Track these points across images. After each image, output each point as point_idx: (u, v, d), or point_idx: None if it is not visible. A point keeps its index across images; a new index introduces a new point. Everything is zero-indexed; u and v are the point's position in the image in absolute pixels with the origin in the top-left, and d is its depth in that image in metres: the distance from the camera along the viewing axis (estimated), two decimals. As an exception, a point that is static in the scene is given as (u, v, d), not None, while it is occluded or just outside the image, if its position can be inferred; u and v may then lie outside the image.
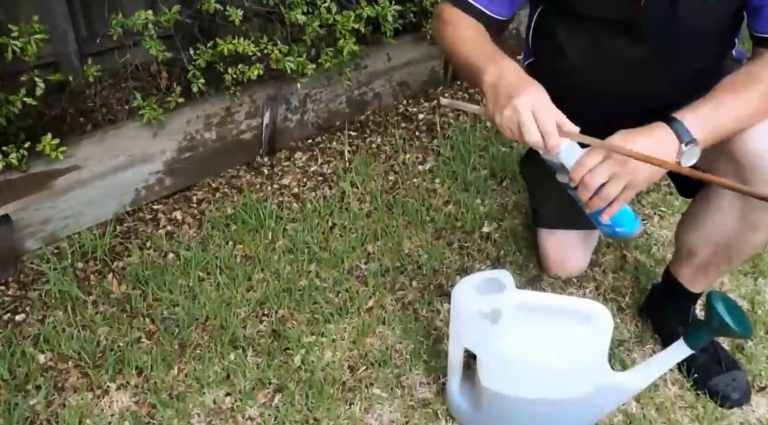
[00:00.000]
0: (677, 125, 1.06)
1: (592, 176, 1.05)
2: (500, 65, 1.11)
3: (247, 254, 1.77)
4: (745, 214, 1.19)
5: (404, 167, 2.09)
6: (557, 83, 1.16)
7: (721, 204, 1.22)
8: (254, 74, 1.87)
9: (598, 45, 1.26)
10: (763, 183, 1.12)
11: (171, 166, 1.98)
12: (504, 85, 1.08)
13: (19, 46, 1.43)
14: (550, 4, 1.31)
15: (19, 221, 1.74)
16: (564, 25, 1.29)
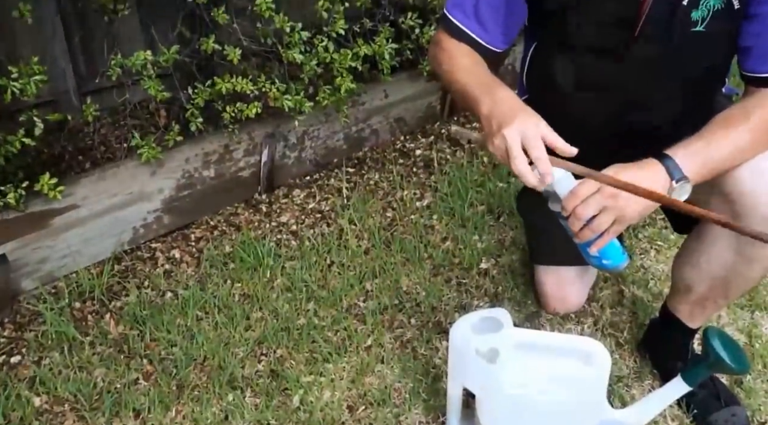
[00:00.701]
0: (668, 161, 1.09)
1: (584, 206, 1.08)
2: (495, 95, 1.15)
3: (246, 292, 1.78)
4: (740, 248, 1.21)
5: (402, 203, 2.12)
6: (551, 118, 1.19)
7: (716, 239, 1.25)
8: (252, 112, 1.91)
9: (592, 76, 1.29)
10: (754, 220, 1.15)
11: (169, 204, 2.01)
12: (497, 115, 1.11)
13: (18, 88, 1.47)
14: (545, 35, 1.35)
15: (15, 261, 1.76)
16: (558, 57, 1.32)
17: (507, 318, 1.28)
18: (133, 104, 2.00)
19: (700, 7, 1.14)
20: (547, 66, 1.35)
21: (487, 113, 1.13)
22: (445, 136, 2.50)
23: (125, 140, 2.02)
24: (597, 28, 1.22)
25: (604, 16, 1.20)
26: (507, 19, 1.31)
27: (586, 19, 1.22)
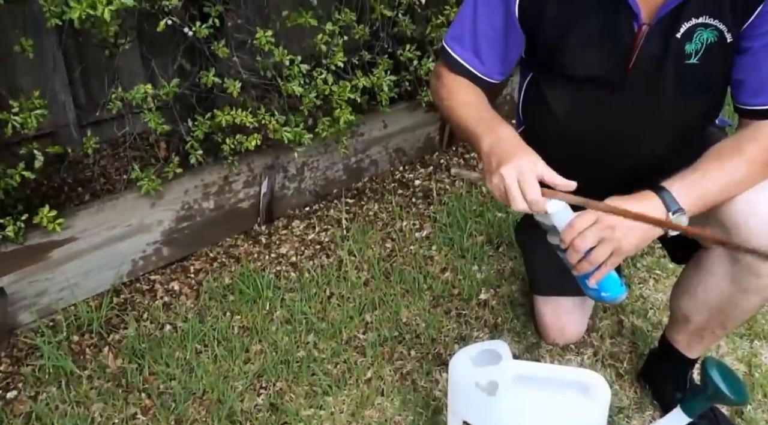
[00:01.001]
0: (665, 194, 1.11)
1: (581, 239, 1.10)
2: (495, 133, 1.18)
3: (245, 325, 1.79)
4: (737, 278, 1.22)
5: (401, 234, 2.13)
6: (547, 149, 1.21)
7: (713, 269, 1.26)
8: (252, 145, 1.93)
9: (587, 107, 1.32)
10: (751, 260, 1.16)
11: (169, 236, 2.02)
12: (496, 153, 1.15)
13: (19, 122, 1.49)
14: (540, 67, 1.37)
15: (13, 294, 1.76)
16: (554, 88, 1.35)
17: (506, 351, 1.29)
18: (133, 136, 2.02)
19: (693, 40, 1.16)
20: (543, 97, 1.37)
21: (488, 151, 1.16)
22: (444, 166, 2.52)
23: (125, 172, 2.04)
24: (591, 61, 1.25)
25: (598, 49, 1.23)
26: (504, 51, 1.34)
27: (580, 51, 1.24)
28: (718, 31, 1.15)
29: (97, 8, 1.41)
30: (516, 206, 1.11)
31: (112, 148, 2.32)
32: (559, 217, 1.14)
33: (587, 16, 1.22)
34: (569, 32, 1.24)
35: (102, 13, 1.41)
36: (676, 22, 1.16)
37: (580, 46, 1.25)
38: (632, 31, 1.20)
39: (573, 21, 1.23)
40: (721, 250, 1.23)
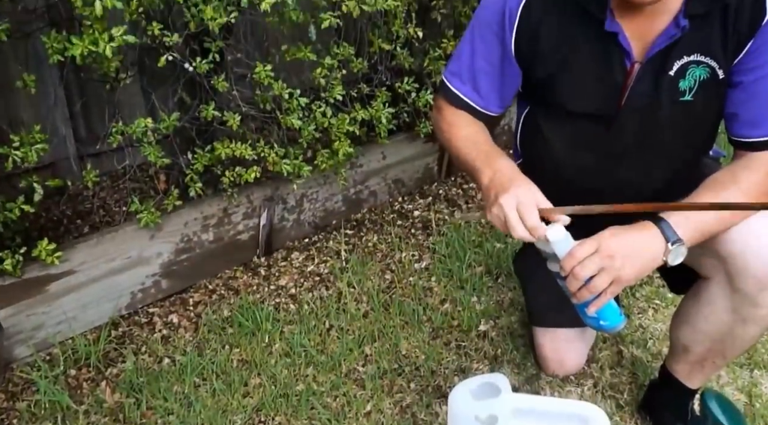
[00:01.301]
0: (664, 224, 1.13)
1: (581, 267, 1.12)
2: (494, 166, 1.22)
3: (244, 358, 1.79)
4: (736, 308, 1.23)
5: (400, 265, 2.14)
6: (545, 180, 1.24)
7: (712, 299, 1.27)
8: (251, 177, 1.95)
9: (582, 140, 1.34)
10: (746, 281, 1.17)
11: (168, 268, 2.03)
12: (495, 185, 1.18)
13: (20, 156, 1.51)
14: (536, 101, 1.40)
15: (10, 328, 1.76)
16: (550, 121, 1.37)
17: (505, 384, 1.30)
18: (133, 169, 2.04)
19: (687, 78, 1.19)
20: (540, 129, 1.40)
21: (487, 183, 1.20)
22: (443, 197, 2.54)
23: (124, 204, 2.06)
24: (584, 97, 1.27)
25: (591, 86, 1.25)
26: (502, 85, 1.36)
27: (573, 88, 1.27)
28: (709, 67, 1.18)
29: (99, 45, 1.44)
30: (516, 233, 1.14)
31: (112, 180, 2.34)
32: (559, 245, 1.16)
33: (580, 54, 1.24)
34: (562, 70, 1.27)
35: (104, 50, 1.44)
36: (667, 60, 1.19)
37: (573, 82, 1.28)
38: (624, 69, 1.22)
39: (566, 58, 1.26)
40: (721, 279, 1.24)
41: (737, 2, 1.12)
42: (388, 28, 2.02)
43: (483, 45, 1.33)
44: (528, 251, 1.68)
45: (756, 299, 1.19)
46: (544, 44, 1.26)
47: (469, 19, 2.19)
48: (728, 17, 1.13)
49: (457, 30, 2.26)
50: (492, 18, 1.30)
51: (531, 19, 1.26)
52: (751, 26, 1.12)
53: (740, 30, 1.13)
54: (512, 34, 1.28)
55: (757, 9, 1.11)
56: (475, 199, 2.52)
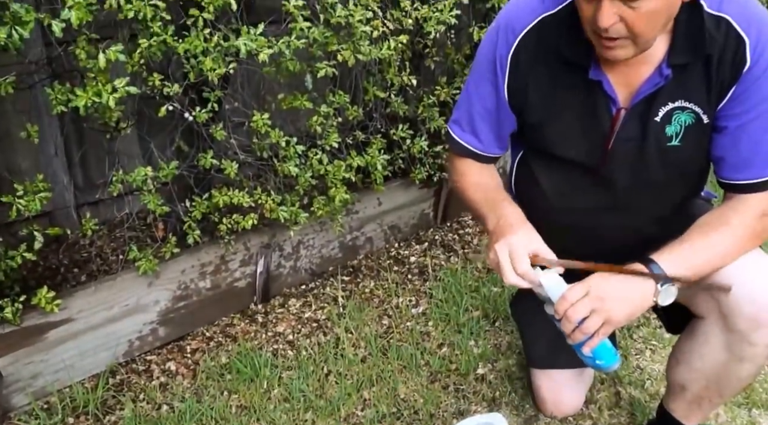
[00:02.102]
0: (653, 266, 1.19)
1: (573, 310, 1.19)
2: (499, 212, 1.33)
3: (243, 404, 1.82)
4: (731, 346, 1.28)
5: (397, 310, 2.19)
6: (538, 222, 1.30)
7: (708, 338, 1.32)
8: (248, 224, 2.00)
9: (572, 184, 1.41)
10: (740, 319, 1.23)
11: (165, 316, 2.07)
12: (496, 231, 1.29)
13: (23, 204, 1.57)
14: (529, 145, 1.47)
15: (8, 377, 1.79)
16: (541, 166, 1.44)
17: (503, 423, 1.33)
18: (132, 217, 2.10)
19: (673, 123, 1.26)
20: (532, 173, 1.46)
21: (491, 229, 1.32)
22: (439, 242, 2.60)
23: (122, 252, 2.11)
24: (571, 144, 1.34)
25: (578, 133, 1.32)
26: (498, 129, 1.44)
27: (561, 134, 1.34)
28: (694, 113, 1.25)
29: (103, 96, 1.51)
30: (506, 279, 1.24)
31: (109, 229, 2.40)
32: (553, 289, 1.22)
33: (567, 101, 1.32)
34: (551, 117, 1.34)
35: (107, 100, 1.51)
36: (652, 106, 1.25)
37: (562, 129, 1.35)
38: (610, 116, 1.29)
39: (554, 106, 1.33)
40: (715, 319, 1.29)
41: (719, 52, 1.19)
42: (383, 76, 2.10)
43: (478, 91, 1.41)
44: (524, 294, 1.73)
45: (750, 338, 1.24)
46: (533, 92, 1.33)
47: (462, 67, 2.29)
48: (711, 65, 1.20)
49: (450, 77, 2.35)
50: (486, 65, 1.38)
51: (520, 67, 1.33)
52: (734, 74, 1.19)
53: (723, 78, 1.20)
54: (504, 81, 1.36)
55: (739, 57, 1.18)
56: (471, 244, 2.58)
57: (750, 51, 1.17)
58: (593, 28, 1.14)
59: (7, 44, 1.41)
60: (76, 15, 1.41)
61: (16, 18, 1.40)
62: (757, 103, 1.20)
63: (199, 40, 1.62)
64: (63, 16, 1.42)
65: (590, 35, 1.18)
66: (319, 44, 1.79)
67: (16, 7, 1.39)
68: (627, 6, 1.08)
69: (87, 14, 1.43)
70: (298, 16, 1.72)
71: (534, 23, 1.30)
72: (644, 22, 1.10)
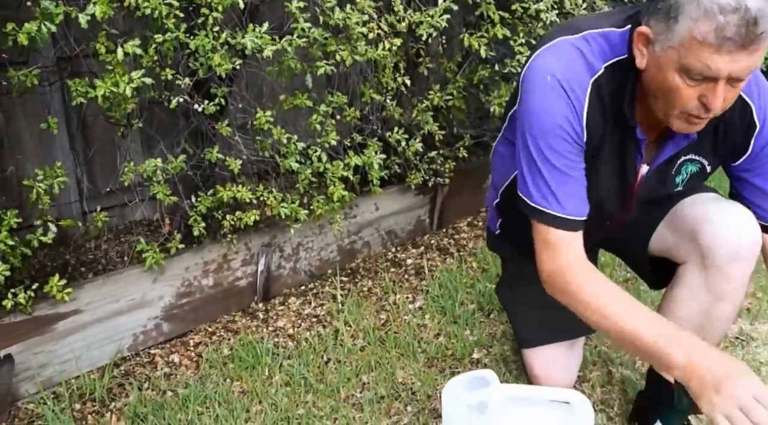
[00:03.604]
0: None
1: None
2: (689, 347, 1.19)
3: (245, 389, 1.97)
4: (710, 286, 1.47)
5: (395, 306, 2.35)
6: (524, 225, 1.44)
7: (688, 280, 1.51)
8: (251, 220, 2.18)
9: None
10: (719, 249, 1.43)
11: (169, 311, 2.23)
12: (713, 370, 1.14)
13: (43, 188, 1.75)
14: None
15: (18, 365, 1.94)
16: None
17: (494, 377, 1.50)
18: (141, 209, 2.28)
19: (681, 173, 1.49)
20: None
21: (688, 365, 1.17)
22: (435, 247, 2.78)
23: (130, 247, 2.28)
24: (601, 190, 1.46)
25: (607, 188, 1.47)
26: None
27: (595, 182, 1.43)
28: (701, 164, 1.48)
29: (120, 86, 1.70)
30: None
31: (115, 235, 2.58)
32: None
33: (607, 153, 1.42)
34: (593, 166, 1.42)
35: (124, 90, 1.70)
36: (672, 162, 1.46)
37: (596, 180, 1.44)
38: (634, 168, 1.45)
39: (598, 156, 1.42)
40: (695, 260, 1.48)
41: (729, 112, 1.33)
42: (378, 80, 2.31)
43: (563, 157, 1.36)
44: (508, 278, 1.91)
45: (727, 272, 1.43)
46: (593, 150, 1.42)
47: (454, 74, 2.50)
48: (719, 125, 1.40)
49: (443, 84, 2.56)
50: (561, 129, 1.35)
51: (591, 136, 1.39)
52: (747, 134, 1.41)
53: (734, 137, 1.42)
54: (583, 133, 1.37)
55: (748, 119, 1.40)
56: (466, 248, 2.76)
57: (757, 114, 1.39)
58: (689, 108, 1.22)
59: (36, 38, 1.61)
60: (99, 9, 1.61)
61: (46, 14, 1.60)
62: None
63: (209, 37, 1.83)
64: (87, 11, 1.62)
65: (673, 114, 1.26)
66: (319, 44, 2.00)
67: (47, 3, 1.60)
68: (731, 86, 1.19)
69: (109, 9, 1.63)
70: (300, 17, 1.93)
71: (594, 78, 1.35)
72: (732, 98, 1.24)
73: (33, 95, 2.08)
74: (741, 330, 2.17)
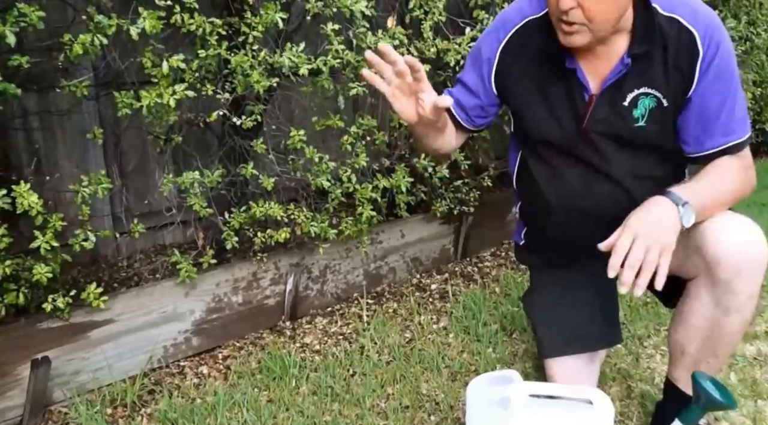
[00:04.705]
0: (670, 194, 1.46)
1: (631, 256, 1.38)
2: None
3: (272, 398, 2.03)
4: (718, 299, 1.51)
5: (419, 326, 2.41)
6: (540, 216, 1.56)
7: (698, 293, 1.55)
8: (281, 238, 2.27)
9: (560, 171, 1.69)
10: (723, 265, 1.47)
11: (199, 326, 2.30)
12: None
13: (88, 193, 1.85)
14: (520, 138, 1.77)
15: (53, 371, 2.02)
16: (533, 158, 1.74)
17: (518, 376, 1.56)
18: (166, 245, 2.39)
19: (638, 107, 1.56)
20: (528, 169, 1.76)
21: None
22: (459, 274, 2.84)
23: (161, 266, 2.38)
24: (551, 127, 1.64)
25: (556, 117, 1.63)
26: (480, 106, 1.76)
27: (542, 119, 1.65)
28: (656, 97, 1.55)
29: (164, 97, 1.82)
30: None
31: (146, 256, 2.68)
32: None
33: (546, 89, 1.62)
34: (532, 103, 1.65)
35: (168, 100, 1.82)
36: (620, 92, 1.56)
37: (541, 114, 1.65)
38: (583, 100, 1.59)
39: (535, 93, 1.64)
40: (704, 275, 1.53)
41: (675, 45, 1.50)
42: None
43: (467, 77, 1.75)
44: (534, 287, 1.97)
45: (733, 285, 1.48)
46: (517, 82, 1.65)
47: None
48: (668, 56, 1.51)
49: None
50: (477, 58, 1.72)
51: (506, 62, 1.66)
52: (690, 62, 1.51)
53: (681, 66, 1.51)
54: (491, 74, 1.69)
55: (692, 48, 1.50)
56: (490, 274, 2.83)
57: (700, 42, 1.49)
58: (556, 14, 1.45)
59: (88, 50, 1.74)
60: (149, 23, 1.75)
61: (99, 27, 1.73)
62: (711, 83, 1.51)
63: (248, 55, 1.95)
64: (138, 25, 1.75)
65: (555, 25, 1.49)
66: (352, 67, 2.12)
67: (100, 17, 1.73)
68: None
69: (158, 24, 1.77)
70: (334, 40, 2.05)
71: (520, 24, 1.64)
72: (596, 10, 1.41)
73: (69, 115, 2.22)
74: (759, 351, 2.20)
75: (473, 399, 1.52)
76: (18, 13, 1.55)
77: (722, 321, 1.53)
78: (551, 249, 1.85)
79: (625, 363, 2.13)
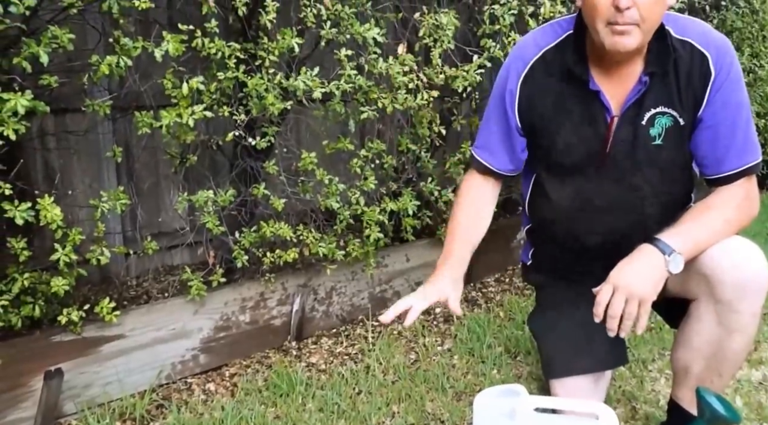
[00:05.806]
0: (657, 242, 1.53)
1: (611, 307, 1.50)
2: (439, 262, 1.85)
3: (279, 414, 2.08)
4: (721, 319, 1.57)
5: (424, 348, 2.47)
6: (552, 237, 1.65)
7: (701, 314, 1.61)
8: (290, 258, 2.34)
9: (577, 189, 1.75)
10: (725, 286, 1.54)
11: (207, 344, 2.36)
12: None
13: (107, 208, 1.93)
14: (539, 164, 1.82)
15: (63, 384, 2.08)
16: (551, 181, 1.80)
17: (524, 390, 1.61)
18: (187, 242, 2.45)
19: (655, 125, 1.64)
20: (545, 192, 1.82)
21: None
22: (463, 298, 2.91)
23: (170, 285, 2.45)
24: (576, 150, 1.70)
25: (580, 140, 1.69)
26: (512, 149, 1.81)
27: (566, 143, 1.71)
28: (672, 116, 1.63)
29: (183, 116, 1.91)
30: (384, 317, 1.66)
31: (155, 276, 2.75)
32: None
33: (569, 112, 1.69)
34: (556, 127, 1.71)
35: (187, 120, 1.91)
36: (638, 112, 1.63)
37: (566, 137, 1.71)
38: (606, 123, 1.66)
39: (559, 116, 1.70)
40: (706, 295, 1.59)
41: (688, 66, 1.59)
42: (414, 131, 2.51)
43: (493, 119, 1.81)
44: (540, 306, 2.04)
45: (735, 305, 1.54)
46: (541, 109, 1.71)
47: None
48: (680, 77, 1.60)
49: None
50: (498, 98, 1.78)
51: (528, 93, 1.72)
52: (704, 83, 1.58)
53: (694, 87, 1.59)
54: (515, 108, 1.75)
55: (705, 70, 1.58)
56: (494, 299, 2.89)
57: (712, 63, 1.57)
58: (608, 16, 1.48)
59: (113, 71, 1.83)
60: (172, 46, 1.84)
61: (125, 50, 1.82)
62: (724, 105, 1.58)
63: (263, 79, 2.04)
64: (162, 47, 1.84)
65: (601, 31, 1.52)
66: (363, 91, 2.21)
67: (126, 40, 1.82)
68: None
69: (180, 47, 1.86)
70: (347, 65, 2.14)
71: (538, 55, 1.70)
72: (650, 9, 1.46)
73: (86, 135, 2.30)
74: (765, 376, 2.26)
75: (480, 412, 1.58)
76: (51, 35, 1.63)
77: (725, 341, 1.59)
78: (558, 269, 1.92)
79: (630, 386, 2.19)
